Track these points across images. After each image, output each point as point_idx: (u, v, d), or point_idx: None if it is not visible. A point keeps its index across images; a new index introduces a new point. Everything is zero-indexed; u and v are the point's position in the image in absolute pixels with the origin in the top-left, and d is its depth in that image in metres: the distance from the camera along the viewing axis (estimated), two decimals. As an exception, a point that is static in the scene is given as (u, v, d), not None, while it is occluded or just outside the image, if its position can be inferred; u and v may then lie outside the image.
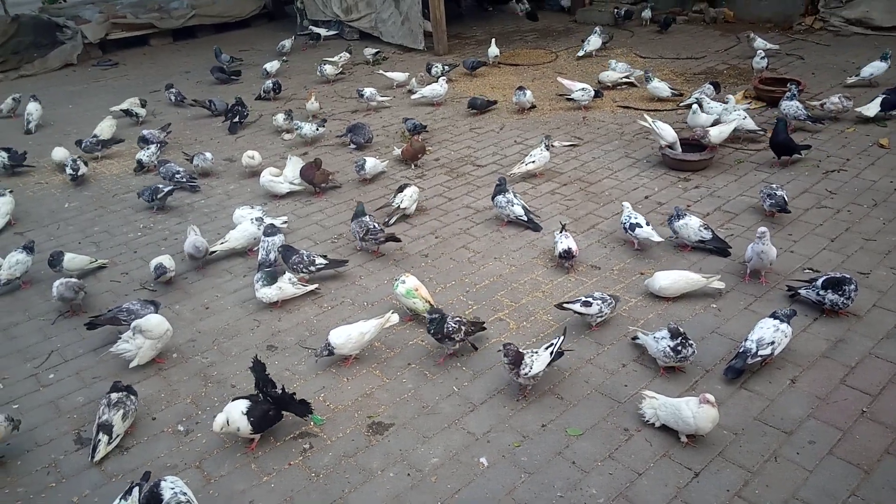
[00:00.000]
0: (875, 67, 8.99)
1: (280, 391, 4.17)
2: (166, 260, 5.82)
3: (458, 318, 4.71)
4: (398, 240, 6.06)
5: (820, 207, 6.33)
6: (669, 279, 5.17)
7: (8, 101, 10.70)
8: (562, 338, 4.42)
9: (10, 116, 10.67)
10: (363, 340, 4.74)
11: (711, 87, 8.86)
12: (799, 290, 4.98)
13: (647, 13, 13.13)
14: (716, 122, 7.73)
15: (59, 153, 8.36)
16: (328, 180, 7.40)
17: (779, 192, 6.09)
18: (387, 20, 13.29)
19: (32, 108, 10.04)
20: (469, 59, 11.18)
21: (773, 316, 4.45)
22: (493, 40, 11.66)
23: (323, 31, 13.87)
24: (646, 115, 7.68)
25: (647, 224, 5.81)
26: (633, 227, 5.77)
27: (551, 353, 4.32)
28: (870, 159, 7.16)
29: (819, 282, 4.87)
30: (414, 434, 4.17)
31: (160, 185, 7.26)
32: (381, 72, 11.10)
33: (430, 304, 5.08)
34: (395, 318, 4.92)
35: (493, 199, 6.42)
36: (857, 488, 3.59)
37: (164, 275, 5.75)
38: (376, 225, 6.04)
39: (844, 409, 4.09)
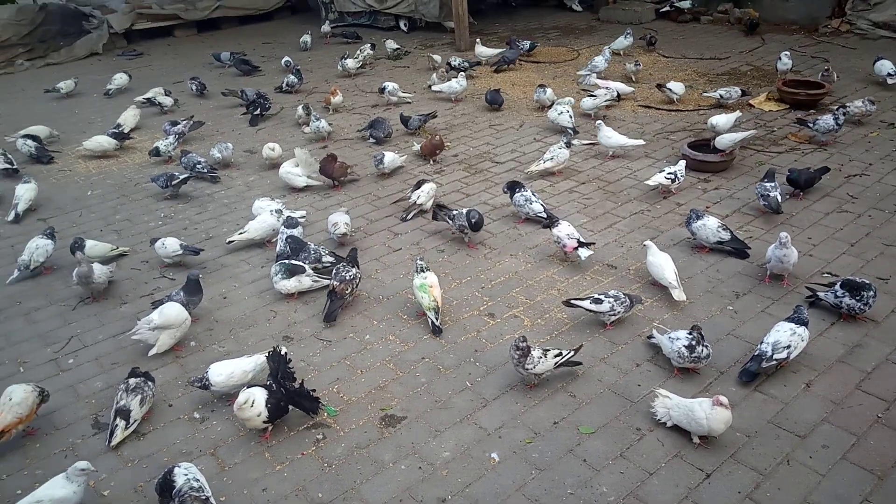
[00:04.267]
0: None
1: (298, 386, 4.22)
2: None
3: None
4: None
5: (841, 212, 6.27)
6: (655, 258, 5.29)
7: (69, 82, 11.17)
8: (573, 352, 4.43)
9: (67, 96, 11.17)
10: (245, 379, 4.39)
11: (739, 90, 8.81)
12: (818, 295, 4.95)
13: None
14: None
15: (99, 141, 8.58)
16: (347, 174, 7.44)
17: (772, 194, 6.08)
18: (428, 2, 13.55)
19: (120, 80, 11.22)
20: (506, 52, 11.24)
21: (790, 319, 4.42)
22: (478, 40, 11.66)
23: (326, 28, 13.98)
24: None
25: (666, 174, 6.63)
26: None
27: (557, 363, 4.34)
28: (893, 164, 7.08)
29: (837, 285, 4.84)
30: (426, 427, 4.19)
31: (175, 173, 7.35)
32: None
33: (437, 304, 5.04)
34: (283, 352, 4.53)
35: (511, 198, 6.42)
36: (869, 494, 3.56)
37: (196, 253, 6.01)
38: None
39: (859, 414, 4.06)
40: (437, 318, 5.02)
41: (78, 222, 7.05)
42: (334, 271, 5.30)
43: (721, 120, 7.63)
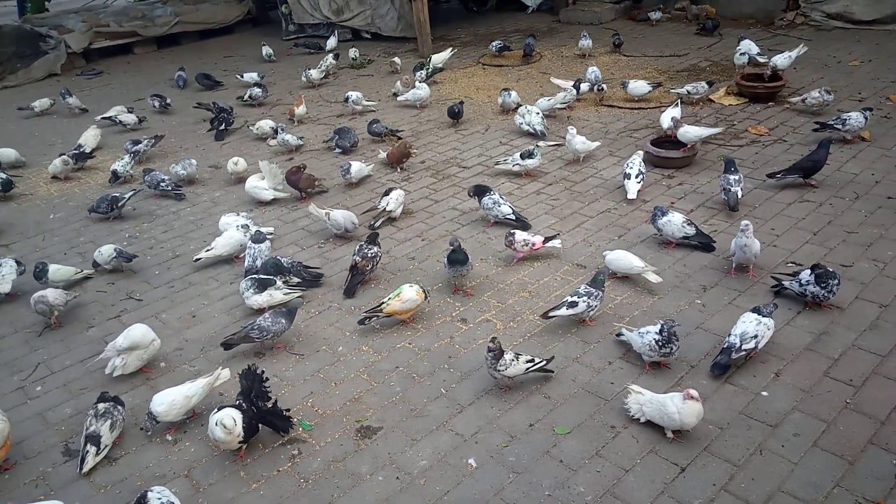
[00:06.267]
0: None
1: (272, 405, 4.18)
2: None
3: None
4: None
5: (802, 201, 6.38)
6: (614, 255, 5.43)
7: (44, 101, 11.04)
8: (545, 361, 4.45)
9: (41, 114, 11.10)
10: (189, 404, 4.32)
11: (705, 84, 8.94)
12: (783, 283, 5.02)
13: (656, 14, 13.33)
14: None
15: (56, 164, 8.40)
16: (314, 185, 7.40)
17: (733, 189, 6.18)
18: (384, 15, 13.52)
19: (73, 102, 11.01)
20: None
21: (755, 311, 4.48)
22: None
23: (333, 42, 13.66)
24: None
25: (636, 178, 6.65)
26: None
27: (528, 368, 4.35)
28: (851, 152, 7.22)
29: (802, 273, 4.91)
30: (402, 437, 4.18)
31: (116, 195, 7.27)
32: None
33: (384, 308, 5.02)
34: (225, 373, 4.56)
35: (479, 202, 6.44)
36: (841, 479, 3.62)
37: (129, 260, 6.09)
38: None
39: (828, 400, 4.12)
40: (371, 310, 5.06)
41: (41, 246, 6.92)
42: (357, 248, 5.69)
43: (664, 116, 7.75)
